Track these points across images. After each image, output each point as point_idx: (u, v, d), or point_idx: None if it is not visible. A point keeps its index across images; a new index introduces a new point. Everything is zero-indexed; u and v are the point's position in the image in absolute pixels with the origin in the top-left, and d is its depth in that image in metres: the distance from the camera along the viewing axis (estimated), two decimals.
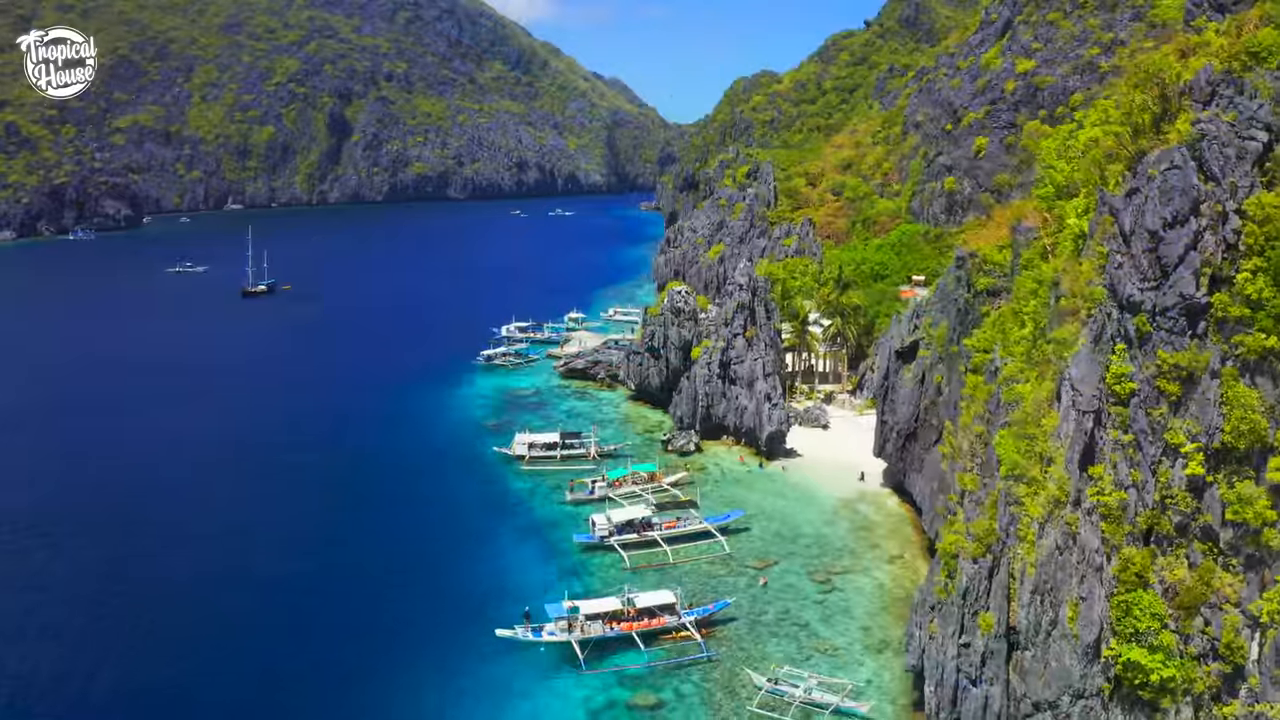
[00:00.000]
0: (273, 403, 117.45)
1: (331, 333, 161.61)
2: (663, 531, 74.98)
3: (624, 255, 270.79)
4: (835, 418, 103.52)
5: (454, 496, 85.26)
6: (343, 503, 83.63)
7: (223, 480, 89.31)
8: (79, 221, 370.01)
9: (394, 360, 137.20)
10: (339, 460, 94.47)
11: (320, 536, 76.53)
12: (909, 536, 77.07)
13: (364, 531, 77.17)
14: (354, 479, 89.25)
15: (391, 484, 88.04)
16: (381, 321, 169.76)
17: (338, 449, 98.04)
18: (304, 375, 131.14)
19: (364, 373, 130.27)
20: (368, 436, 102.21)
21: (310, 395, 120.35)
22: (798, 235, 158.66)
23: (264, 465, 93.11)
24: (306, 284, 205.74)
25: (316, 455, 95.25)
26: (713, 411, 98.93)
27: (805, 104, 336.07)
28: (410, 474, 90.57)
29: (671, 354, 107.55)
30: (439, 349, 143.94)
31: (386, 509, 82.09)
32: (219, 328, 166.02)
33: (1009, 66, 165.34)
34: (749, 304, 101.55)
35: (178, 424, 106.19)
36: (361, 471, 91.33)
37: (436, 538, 76.65)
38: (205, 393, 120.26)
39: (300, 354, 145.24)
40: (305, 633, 60.88)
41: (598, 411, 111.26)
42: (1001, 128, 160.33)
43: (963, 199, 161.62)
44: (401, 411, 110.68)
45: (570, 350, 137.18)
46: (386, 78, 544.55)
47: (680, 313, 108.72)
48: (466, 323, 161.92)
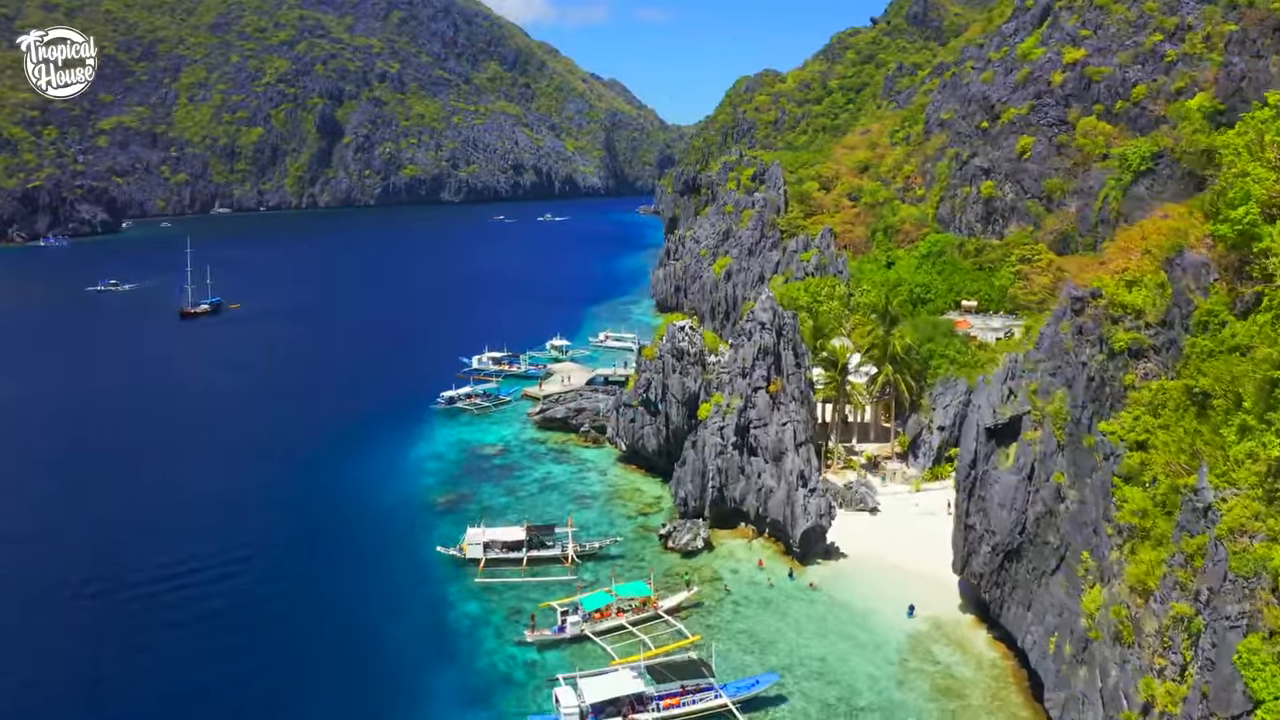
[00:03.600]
0: (151, 476, 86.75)
1: (271, 366, 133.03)
2: (662, 713, 49.12)
3: (619, 265, 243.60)
4: (885, 495, 77.35)
5: (370, 634, 58.11)
6: (202, 653, 56.14)
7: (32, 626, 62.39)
8: (53, 227, 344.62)
9: (337, 402, 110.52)
10: (217, 573, 66.64)
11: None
12: (1016, 711, 51.13)
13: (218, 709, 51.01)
14: (233, 606, 61.83)
15: (285, 615, 60.58)
16: (337, 347, 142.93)
17: (220, 553, 69.90)
18: (216, 430, 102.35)
19: (294, 424, 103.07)
20: (269, 530, 74.34)
21: (212, 461, 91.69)
22: (818, 248, 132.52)
23: (99, 588, 64.52)
24: (262, 301, 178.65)
25: (185, 566, 67.46)
26: (727, 493, 72.89)
27: (810, 104, 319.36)
28: (316, 595, 63.36)
29: (672, 409, 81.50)
30: (396, 385, 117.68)
31: (265, 661, 55.47)
32: (130, 361, 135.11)
33: (1054, 56, 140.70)
34: (773, 347, 75.63)
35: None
36: (244, 593, 63.81)
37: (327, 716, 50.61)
38: (62, 463, 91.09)
39: (222, 398, 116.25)
40: None
41: (579, 481, 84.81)
42: (1050, 125, 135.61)
43: (1003, 206, 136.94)
44: (326, 486, 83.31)
45: (551, 389, 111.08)
46: (379, 78, 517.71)
47: (683, 356, 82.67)
48: (434, 348, 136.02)
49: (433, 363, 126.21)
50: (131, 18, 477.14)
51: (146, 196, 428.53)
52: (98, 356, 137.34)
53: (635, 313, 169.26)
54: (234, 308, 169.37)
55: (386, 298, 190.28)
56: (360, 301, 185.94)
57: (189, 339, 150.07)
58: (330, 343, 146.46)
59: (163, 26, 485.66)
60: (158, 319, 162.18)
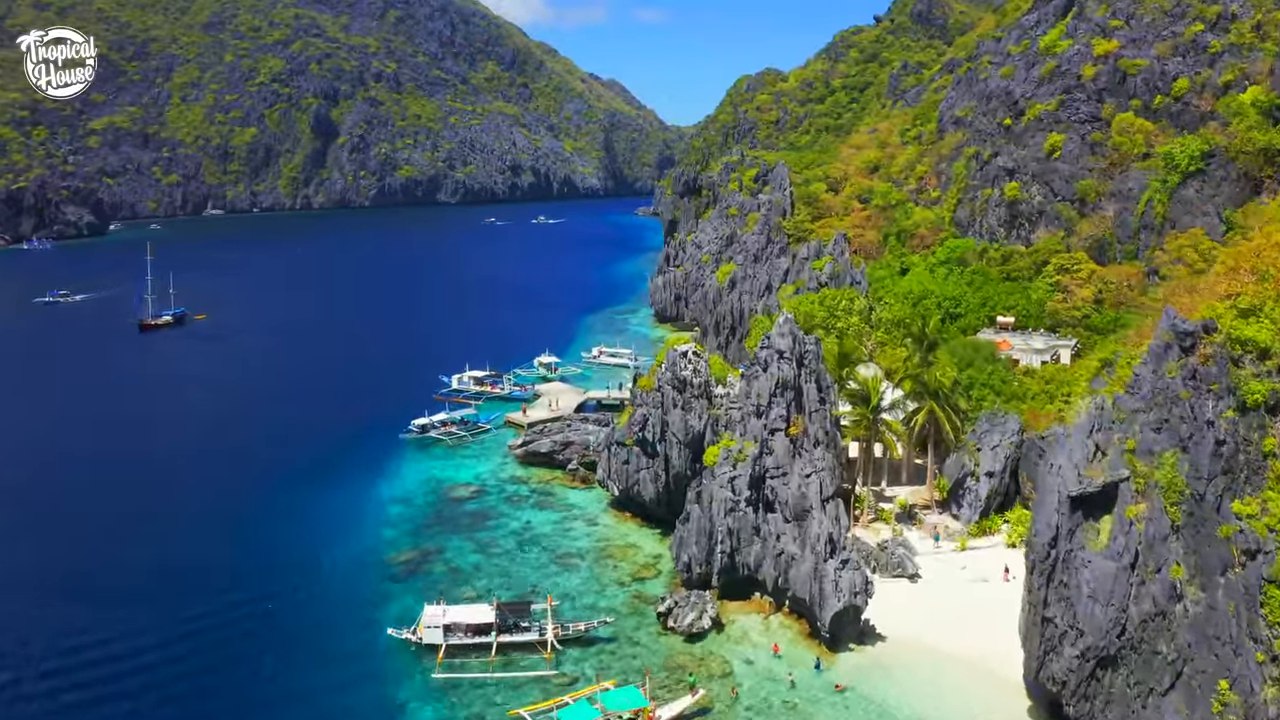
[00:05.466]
0: (58, 532, 72.59)
1: (229, 388, 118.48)
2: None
3: (615, 270, 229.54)
4: (925, 556, 64.24)
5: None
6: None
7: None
8: (38, 229, 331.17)
9: (297, 431, 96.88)
10: (108, 662, 53.17)
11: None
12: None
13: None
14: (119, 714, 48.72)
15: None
16: (306, 363, 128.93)
17: (124, 631, 56.79)
18: (150, 468, 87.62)
19: (243, 460, 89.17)
20: (189, 600, 60.72)
21: (137, 510, 77.54)
22: (831, 255, 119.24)
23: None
24: (232, 310, 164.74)
25: (79, 647, 54.33)
26: (739, 558, 59.81)
27: (813, 103, 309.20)
28: (231, 694, 50.18)
29: (673, 451, 68.43)
30: (367, 408, 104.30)
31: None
32: (71, 383, 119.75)
33: (1083, 48, 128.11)
34: (793, 380, 62.57)
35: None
36: (140, 689, 50.55)
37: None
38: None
39: (166, 428, 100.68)
40: None
41: (563, 534, 71.40)
42: (1082, 122, 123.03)
43: (1030, 209, 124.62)
44: (267, 543, 69.71)
45: (536, 415, 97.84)
46: (375, 78, 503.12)
47: (686, 387, 69.55)
48: (413, 364, 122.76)
49: (410, 381, 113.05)
50: (124, 16, 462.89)
51: (137, 198, 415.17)
52: (36, 379, 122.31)
53: (632, 323, 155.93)
54: (200, 319, 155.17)
55: (366, 306, 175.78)
56: (338, 310, 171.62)
57: (144, 355, 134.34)
58: (299, 357, 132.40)
59: (156, 25, 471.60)
60: (113, 333, 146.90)
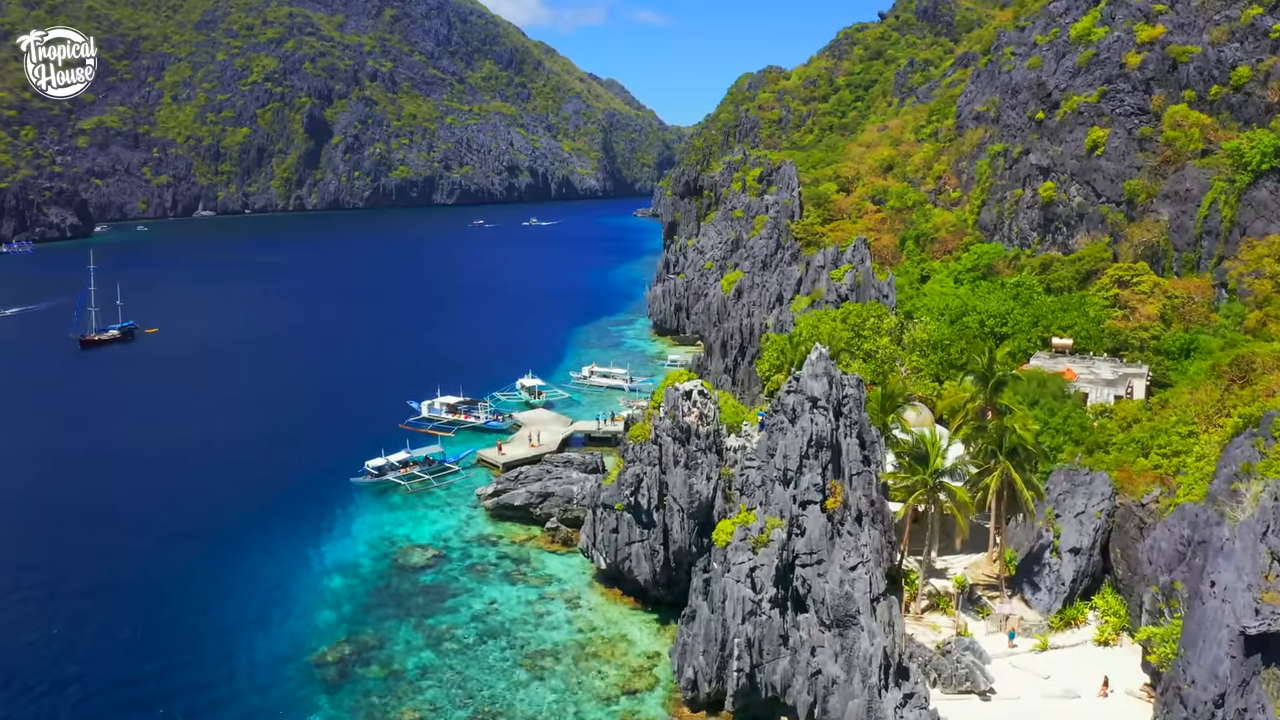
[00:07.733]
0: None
1: (169, 413, 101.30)
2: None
3: (610, 276, 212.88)
4: (997, 660, 48.87)
5: None
6: None
7: None
8: (19, 232, 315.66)
9: (237, 473, 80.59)
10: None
11: None
12: None
13: None
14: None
15: None
16: (262, 385, 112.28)
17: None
18: (57, 512, 72.80)
19: (167, 508, 73.36)
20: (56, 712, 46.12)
21: (27, 568, 63.20)
22: (851, 264, 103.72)
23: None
24: (189, 322, 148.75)
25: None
26: (761, 675, 44.57)
27: (816, 101, 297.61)
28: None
29: (674, 521, 53.07)
30: (323, 442, 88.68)
31: None
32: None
33: (1124, 35, 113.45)
34: (829, 436, 47.34)
35: None
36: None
37: None
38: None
39: (88, 461, 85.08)
40: None
41: (537, 621, 55.51)
42: (1127, 115, 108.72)
43: (1068, 212, 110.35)
44: (169, 629, 54.04)
45: (514, 452, 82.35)
46: (370, 77, 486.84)
47: (690, 437, 54.18)
48: (380, 386, 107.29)
49: (375, 407, 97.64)
50: (115, 15, 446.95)
51: (127, 199, 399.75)
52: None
53: (628, 336, 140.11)
54: (150, 332, 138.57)
55: (337, 318, 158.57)
56: (306, 322, 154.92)
57: (78, 378, 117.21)
58: (256, 378, 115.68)
59: (147, 24, 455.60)
60: (47, 352, 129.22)
